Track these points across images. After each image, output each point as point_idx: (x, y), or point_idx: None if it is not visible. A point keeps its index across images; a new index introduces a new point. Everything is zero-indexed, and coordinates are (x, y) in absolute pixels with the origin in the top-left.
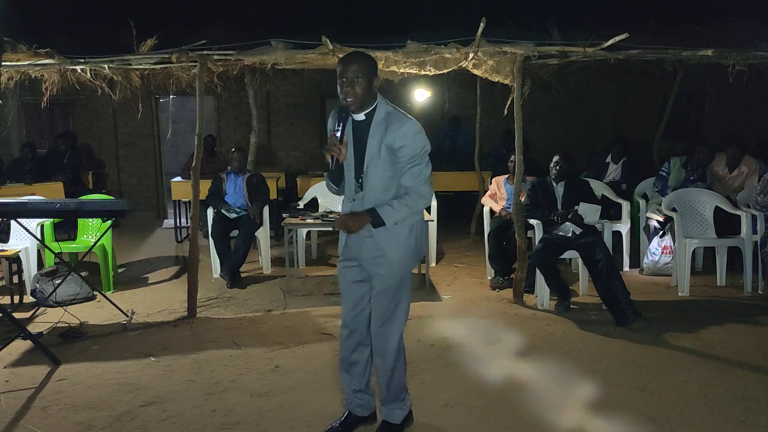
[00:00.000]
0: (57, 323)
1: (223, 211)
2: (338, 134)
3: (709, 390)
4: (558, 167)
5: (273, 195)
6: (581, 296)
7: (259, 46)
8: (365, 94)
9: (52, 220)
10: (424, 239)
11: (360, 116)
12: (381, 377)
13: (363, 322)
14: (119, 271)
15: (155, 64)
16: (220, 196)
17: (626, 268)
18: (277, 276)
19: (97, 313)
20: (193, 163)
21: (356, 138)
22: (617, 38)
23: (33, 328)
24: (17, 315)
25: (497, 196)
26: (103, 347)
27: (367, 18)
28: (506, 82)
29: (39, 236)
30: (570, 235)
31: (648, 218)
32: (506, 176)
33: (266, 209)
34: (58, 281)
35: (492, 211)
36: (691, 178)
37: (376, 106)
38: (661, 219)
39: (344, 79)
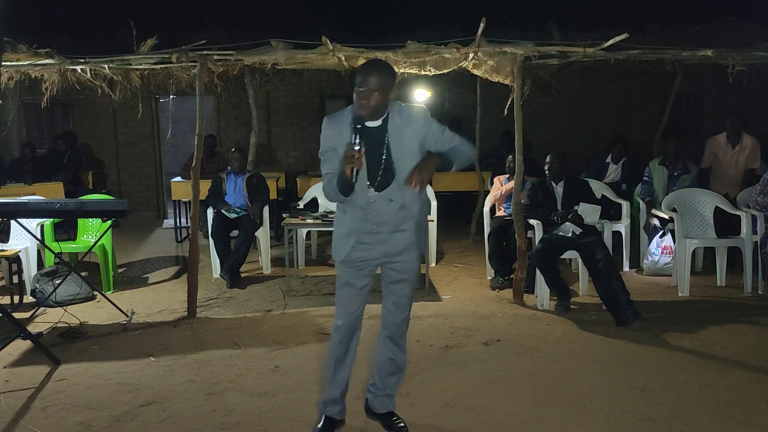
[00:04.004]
0: (57, 323)
1: (223, 211)
2: (357, 147)
3: (709, 390)
4: (550, 167)
5: (273, 195)
6: (581, 296)
7: (259, 46)
8: (382, 106)
9: (52, 220)
10: None
11: (376, 123)
12: (393, 368)
13: (360, 318)
14: (119, 271)
15: (155, 64)
16: (220, 196)
17: (626, 268)
18: (277, 276)
19: (97, 313)
20: (193, 163)
21: (373, 143)
22: (617, 38)
23: (33, 328)
24: (17, 315)
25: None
26: (103, 347)
27: (367, 18)
28: (506, 82)
29: (39, 236)
30: (570, 235)
31: (650, 216)
32: (507, 176)
33: (266, 209)
34: (58, 281)
35: (492, 211)
36: (675, 173)
37: (389, 110)
38: (666, 217)
39: (362, 89)
